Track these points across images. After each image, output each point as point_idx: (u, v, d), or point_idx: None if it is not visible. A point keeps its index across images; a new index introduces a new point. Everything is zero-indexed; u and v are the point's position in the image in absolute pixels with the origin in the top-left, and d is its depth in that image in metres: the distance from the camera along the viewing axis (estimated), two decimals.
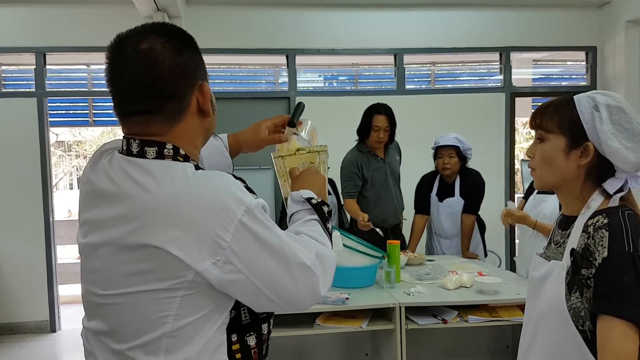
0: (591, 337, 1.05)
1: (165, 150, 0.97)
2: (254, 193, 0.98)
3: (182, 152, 0.99)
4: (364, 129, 3.52)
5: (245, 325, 1.01)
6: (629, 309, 0.98)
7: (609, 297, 1.01)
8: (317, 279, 0.98)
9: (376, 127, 3.45)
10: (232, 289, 0.93)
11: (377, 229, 3.26)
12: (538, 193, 2.95)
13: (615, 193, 1.12)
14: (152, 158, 0.96)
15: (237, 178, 0.99)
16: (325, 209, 1.15)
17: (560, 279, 1.11)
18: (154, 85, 0.95)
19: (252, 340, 1.01)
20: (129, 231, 0.91)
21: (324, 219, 1.13)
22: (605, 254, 1.03)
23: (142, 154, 0.96)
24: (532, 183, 3.16)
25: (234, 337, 0.99)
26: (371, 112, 3.49)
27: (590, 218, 1.11)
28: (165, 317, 0.92)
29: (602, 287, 1.02)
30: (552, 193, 2.85)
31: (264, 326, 1.04)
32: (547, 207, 2.86)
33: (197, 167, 0.97)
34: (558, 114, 1.17)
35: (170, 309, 0.91)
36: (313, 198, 1.16)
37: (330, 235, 1.12)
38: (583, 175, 1.16)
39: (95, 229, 0.97)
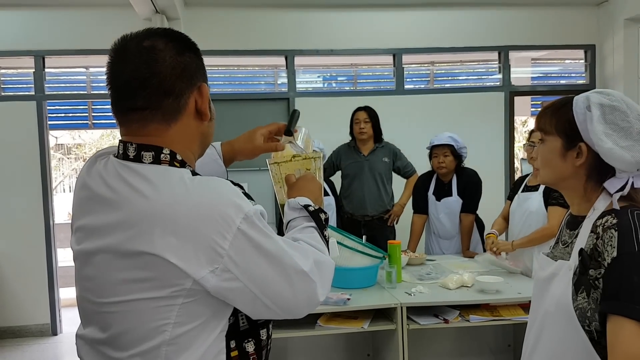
0: (598, 337, 1.05)
1: (162, 155, 0.96)
2: (252, 199, 0.97)
3: (178, 157, 0.98)
4: (350, 126, 4.14)
5: (243, 331, 1.00)
6: (639, 309, 0.98)
7: (618, 297, 1.00)
8: (314, 285, 0.97)
9: (356, 120, 4.08)
10: (230, 296, 0.92)
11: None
12: (523, 192, 3.07)
13: (617, 192, 1.11)
14: (149, 163, 0.95)
15: (234, 184, 0.98)
16: (323, 216, 1.15)
17: (567, 279, 1.10)
18: (153, 80, 0.95)
19: (250, 347, 1.00)
20: (125, 238, 0.90)
21: (321, 227, 1.12)
22: (615, 254, 1.02)
23: (138, 159, 0.96)
24: (515, 184, 3.24)
25: (232, 344, 0.98)
26: (354, 111, 4.13)
27: (599, 218, 1.10)
28: (165, 325, 0.91)
29: (611, 287, 1.02)
30: (536, 190, 2.93)
31: (263, 332, 1.03)
32: (532, 204, 2.98)
33: (194, 173, 0.97)
34: (555, 115, 1.18)
35: (169, 317, 0.90)
36: (310, 205, 1.15)
37: (327, 242, 1.12)
38: (584, 175, 1.16)
39: (91, 236, 0.96)
